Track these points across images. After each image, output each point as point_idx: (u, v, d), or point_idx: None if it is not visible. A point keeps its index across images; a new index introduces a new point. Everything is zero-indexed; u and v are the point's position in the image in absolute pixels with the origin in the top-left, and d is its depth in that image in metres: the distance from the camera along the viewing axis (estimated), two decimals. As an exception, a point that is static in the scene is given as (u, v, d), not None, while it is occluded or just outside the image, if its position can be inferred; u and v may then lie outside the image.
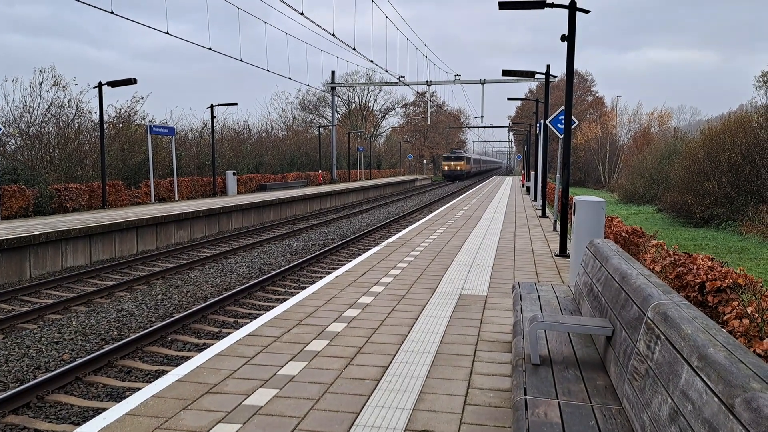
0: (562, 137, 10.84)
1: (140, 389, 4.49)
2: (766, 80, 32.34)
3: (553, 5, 9.87)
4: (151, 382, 5.77)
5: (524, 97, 56.54)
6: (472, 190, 35.58)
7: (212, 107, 27.18)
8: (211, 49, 21.63)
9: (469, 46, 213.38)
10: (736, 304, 4.97)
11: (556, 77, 17.24)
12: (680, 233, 19.57)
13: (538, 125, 20.91)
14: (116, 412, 3.75)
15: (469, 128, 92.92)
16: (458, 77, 43.96)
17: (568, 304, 4.56)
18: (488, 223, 15.47)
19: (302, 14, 21.79)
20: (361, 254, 12.47)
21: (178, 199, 24.16)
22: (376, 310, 6.26)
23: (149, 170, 22.66)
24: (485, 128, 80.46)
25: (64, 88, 22.56)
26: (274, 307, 8.21)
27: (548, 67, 16.96)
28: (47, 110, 22.05)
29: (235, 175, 28.42)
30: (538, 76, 17.92)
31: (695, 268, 5.88)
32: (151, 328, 7.74)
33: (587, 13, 9.68)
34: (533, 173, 25.48)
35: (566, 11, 9.73)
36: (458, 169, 68.91)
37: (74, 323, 8.23)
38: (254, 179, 31.92)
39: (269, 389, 4.10)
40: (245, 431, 3.49)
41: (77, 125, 23.06)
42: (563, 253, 10.18)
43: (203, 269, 12.42)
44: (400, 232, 13.97)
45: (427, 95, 53.76)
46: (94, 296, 9.89)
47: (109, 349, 6.78)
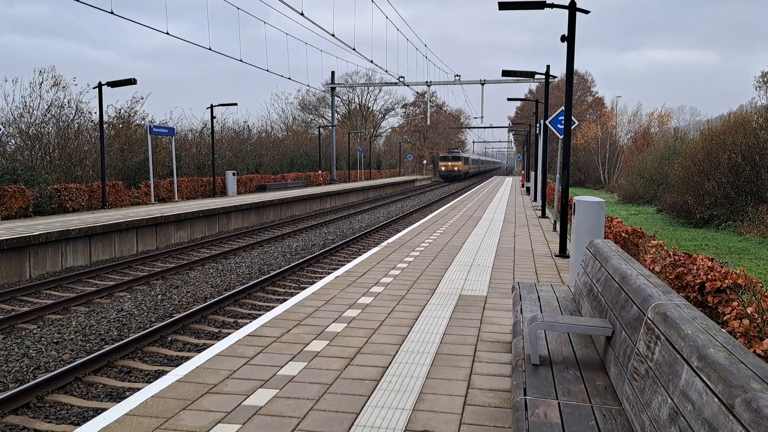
0: (561, 137, 10.84)
1: (140, 389, 4.49)
2: (766, 80, 32.35)
3: (553, 6, 9.88)
4: (150, 382, 5.78)
5: (524, 97, 56.61)
6: (471, 190, 35.57)
7: (212, 107, 27.19)
8: (211, 49, 21.65)
9: (469, 46, 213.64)
10: (736, 304, 4.97)
11: (556, 77, 17.24)
12: (680, 234, 19.58)
13: (537, 125, 20.92)
14: (116, 412, 3.75)
15: (468, 128, 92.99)
16: (458, 77, 43.98)
17: (567, 304, 4.56)
18: (488, 223, 15.47)
19: (302, 14, 21.80)
20: (360, 254, 12.47)
21: (177, 199, 24.17)
22: (375, 310, 6.26)
23: (149, 170, 22.66)
24: (485, 128, 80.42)
25: (63, 88, 22.60)
26: (273, 307, 8.21)
27: (548, 67, 16.96)
28: (47, 110, 22.06)
29: (234, 175, 28.41)
30: (537, 76, 17.93)
31: (695, 268, 5.88)
32: (150, 328, 7.74)
33: (587, 13, 9.69)
34: (533, 173, 25.48)
35: (566, 11, 9.74)
36: (456, 169, 67.12)
37: (74, 323, 8.23)
38: (254, 179, 31.92)
39: (269, 389, 4.10)
40: (245, 431, 3.49)
41: (77, 125, 23.07)
42: (563, 253, 10.18)
43: (203, 269, 12.42)
44: (399, 232, 13.97)
45: (426, 95, 53.76)
46: (93, 296, 9.90)
47: (108, 349, 6.78)
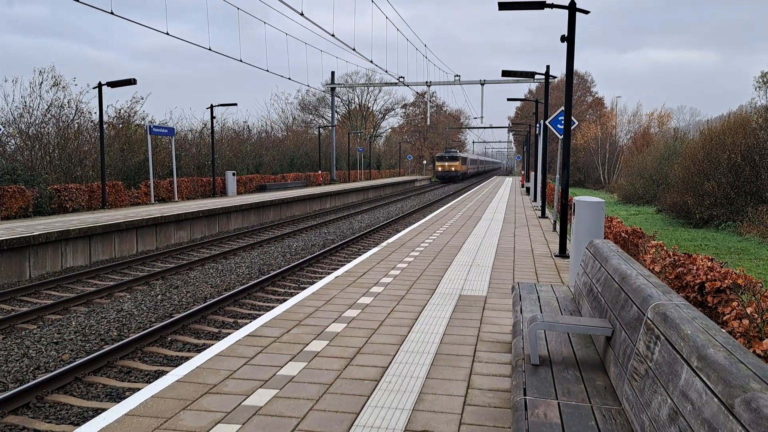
0: (561, 138, 10.84)
1: (140, 389, 4.49)
2: (765, 81, 32.36)
3: (552, 6, 9.88)
4: (150, 382, 5.78)
5: (524, 97, 56.60)
6: (471, 190, 35.58)
7: (212, 107, 27.19)
8: (210, 49, 21.65)
9: (468, 46, 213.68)
10: (735, 304, 4.97)
11: (555, 78, 17.24)
12: (680, 234, 19.59)
13: (537, 126, 20.92)
14: (116, 412, 3.75)
15: (468, 129, 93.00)
16: (458, 78, 43.99)
17: (567, 304, 4.57)
18: (488, 223, 15.47)
19: (302, 15, 21.81)
20: (360, 255, 12.47)
21: (177, 199, 24.16)
22: (375, 310, 6.26)
23: (149, 171, 22.65)
24: (485, 129, 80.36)
25: (63, 88, 22.60)
26: (273, 307, 8.21)
27: (548, 67, 16.96)
28: (47, 110, 22.06)
29: (234, 175, 28.40)
30: (537, 76, 17.93)
31: (695, 268, 5.89)
32: (150, 328, 7.74)
33: (587, 13, 9.69)
34: (533, 174, 25.48)
35: (566, 12, 9.74)
36: (453, 170, 63.84)
37: (74, 323, 8.23)
38: (254, 180, 31.92)
39: (269, 389, 4.10)
40: (245, 431, 3.49)
41: (77, 125, 23.07)
42: (563, 253, 10.18)
43: (203, 270, 12.42)
44: (399, 232, 13.97)
45: (426, 96, 53.75)
46: (93, 296, 9.89)
47: (108, 349, 6.78)
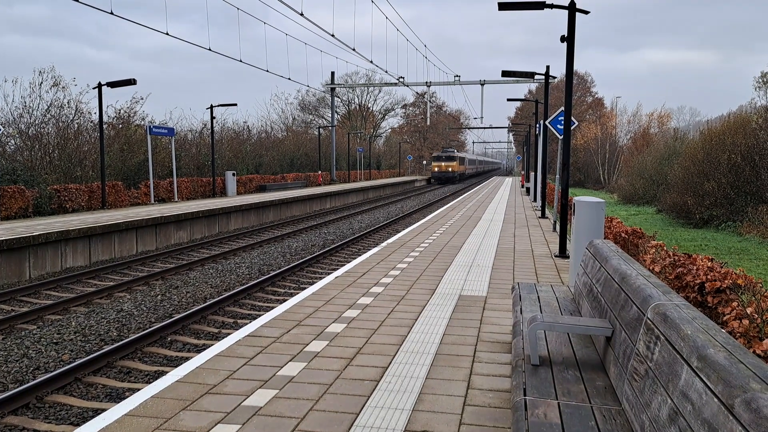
0: (561, 138, 10.84)
1: (140, 390, 4.49)
2: (765, 81, 32.37)
3: (552, 6, 9.87)
4: (150, 382, 5.77)
5: (524, 97, 56.60)
6: (471, 191, 35.59)
7: (212, 108, 27.19)
8: (210, 49, 21.65)
9: (468, 46, 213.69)
10: (735, 304, 4.97)
11: (555, 78, 17.24)
12: (680, 234, 19.59)
13: (537, 126, 20.92)
14: (115, 412, 3.75)
15: (468, 129, 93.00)
16: (458, 78, 43.98)
17: (567, 304, 4.56)
18: (488, 223, 15.47)
19: (302, 15, 21.81)
20: (360, 255, 12.47)
21: (177, 199, 24.16)
22: (375, 310, 6.26)
23: (149, 171, 22.65)
24: (485, 129, 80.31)
25: (63, 88, 22.59)
26: (273, 307, 8.20)
27: (548, 67, 16.96)
28: (47, 111, 22.06)
29: (234, 175, 28.40)
30: (537, 76, 17.93)
31: (695, 268, 5.89)
32: (150, 328, 7.74)
33: (587, 13, 9.69)
34: (533, 174, 25.49)
35: (566, 12, 9.74)
36: (450, 170, 60.34)
37: (74, 324, 8.22)
38: (254, 180, 31.92)
39: (269, 390, 4.10)
40: (245, 431, 3.49)
41: (77, 126, 23.07)
42: (563, 253, 10.18)
43: (203, 270, 12.41)
44: (399, 232, 13.97)
45: (426, 96, 53.72)
46: (93, 297, 9.89)
47: (108, 349, 6.78)
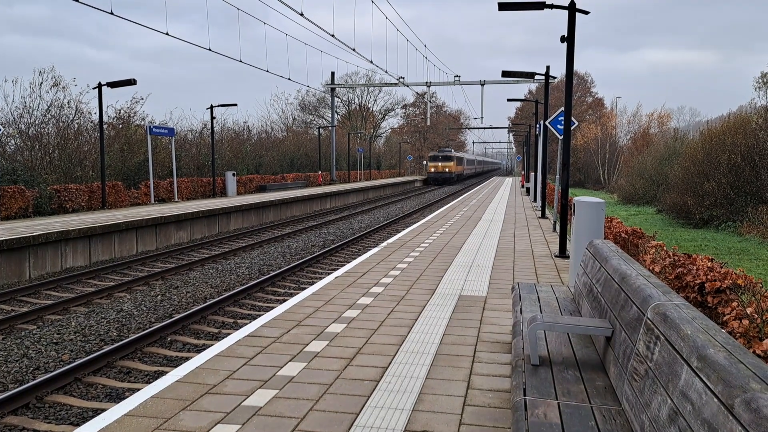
0: (561, 138, 10.84)
1: (139, 390, 4.49)
2: (765, 81, 32.38)
3: (552, 6, 9.87)
4: (150, 382, 5.77)
5: (524, 98, 56.58)
6: (471, 191, 35.60)
7: (212, 108, 27.19)
8: (210, 50, 21.65)
9: (468, 47, 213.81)
10: (735, 304, 4.97)
11: (555, 78, 17.23)
12: (680, 234, 19.58)
13: (537, 126, 20.92)
14: (115, 412, 3.75)
15: (468, 129, 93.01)
16: (458, 78, 43.96)
17: (567, 304, 4.56)
18: (488, 224, 15.47)
19: (302, 15, 21.81)
20: (360, 255, 12.47)
21: (177, 199, 24.16)
22: (375, 310, 6.25)
23: (149, 171, 22.65)
24: (485, 129, 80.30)
25: (63, 88, 22.59)
26: (273, 307, 8.20)
27: (548, 68, 16.96)
28: (47, 111, 22.05)
29: (234, 175, 28.40)
30: (537, 77, 17.92)
31: (695, 268, 5.89)
32: (150, 328, 7.74)
33: (587, 14, 9.69)
34: (533, 174, 25.49)
35: (566, 12, 9.74)
36: (447, 170, 57.64)
37: (74, 324, 8.22)
38: (254, 180, 31.92)
39: (269, 390, 4.10)
40: (244, 431, 3.49)
41: (77, 126, 23.07)
42: (563, 253, 10.18)
43: (203, 270, 12.41)
44: (399, 233, 13.97)
45: (426, 96, 53.71)
46: (93, 297, 9.89)
47: (108, 349, 6.78)
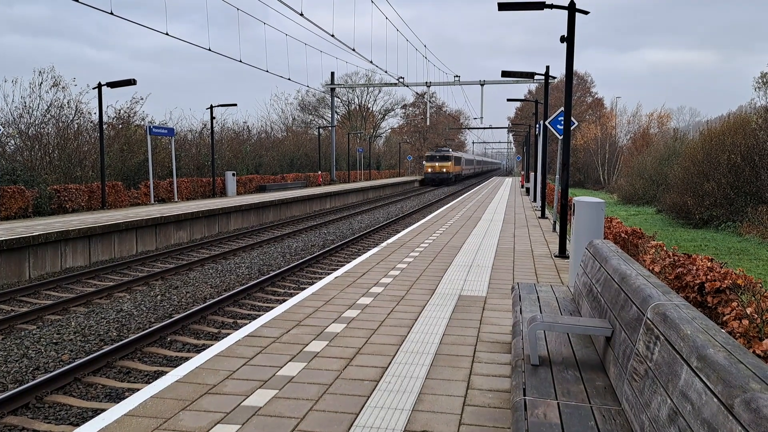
0: (561, 138, 10.84)
1: (139, 390, 4.49)
2: (765, 81, 32.39)
3: (552, 6, 9.87)
4: (150, 382, 5.77)
5: (524, 98, 56.57)
6: (471, 191, 35.61)
7: (212, 108, 27.18)
8: (210, 50, 21.65)
9: (468, 47, 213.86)
10: (735, 304, 4.97)
11: (555, 78, 17.24)
12: (680, 234, 19.58)
13: (537, 126, 20.92)
14: (115, 412, 3.74)
15: (468, 129, 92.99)
16: (458, 78, 43.95)
17: (567, 304, 4.56)
18: (487, 224, 15.47)
19: (302, 15, 21.81)
20: (360, 255, 12.46)
21: (177, 199, 24.16)
22: (375, 311, 6.25)
23: (149, 171, 22.65)
24: (485, 129, 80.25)
25: (63, 88, 22.59)
26: (273, 308, 8.20)
27: (548, 68, 16.97)
28: (47, 111, 22.06)
29: (234, 175, 28.39)
30: (537, 77, 17.93)
31: (695, 268, 5.89)
32: (150, 328, 7.74)
33: (586, 14, 9.69)
34: (533, 174, 25.48)
35: (565, 12, 9.74)
36: (444, 171, 55.31)
37: (73, 324, 8.22)
38: (254, 180, 31.91)
39: (268, 390, 4.10)
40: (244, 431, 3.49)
41: (77, 126, 23.07)
42: (563, 254, 10.18)
43: (202, 270, 12.41)
44: (399, 233, 13.97)
45: (426, 96, 53.66)
46: (93, 297, 9.89)
47: (108, 349, 6.77)
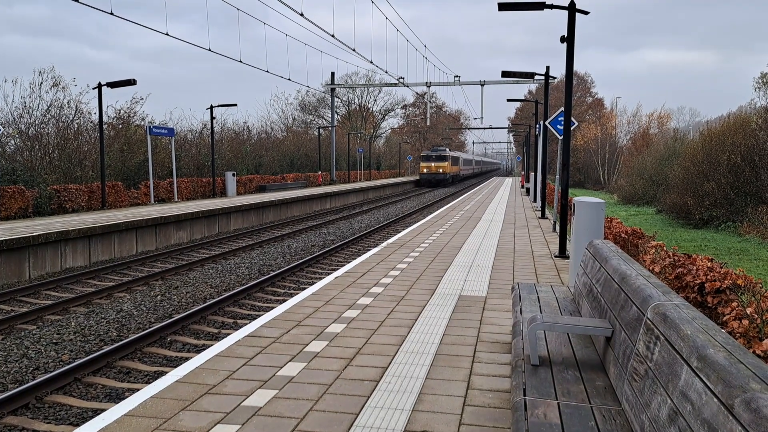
0: (561, 138, 10.84)
1: (139, 390, 4.49)
2: (765, 82, 32.38)
3: (552, 6, 9.87)
4: (150, 382, 5.77)
5: (524, 98, 56.58)
6: (471, 191, 35.62)
7: (212, 108, 27.19)
8: (210, 50, 21.64)
9: (468, 47, 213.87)
10: (735, 305, 4.97)
11: (555, 78, 17.24)
12: (680, 234, 19.58)
13: (537, 126, 20.92)
14: (115, 412, 3.74)
15: (468, 129, 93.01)
16: (458, 78, 43.94)
17: (567, 304, 4.56)
18: (488, 224, 15.47)
19: (302, 15, 21.81)
20: (360, 255, 12.46)
21: (177, 199, 24.15)
22: (375, 311, 6.25)
23: (149, 171, 22.65)
24: (485, 129, 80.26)
25: (63, 88, 22.59)
26: (273, 308, 8.20)
27: (548, 68, 16.97)
28: (47, 111, 22.06)
29: (234, 176, 28.39)
30: (537, 77, 17.94)
31: (695, 268, 5.89)
32: (150, 328, 7.74)
33: (586, 14, 9.69)
34: (533, 174, 25.48)
35: (566, 12, 9.74)
36: (440, 171, 53.07)
37: (73, 324, 8.22)
38: (254, 180, 31.91)
39: (268, 390, 4.10)
40: (244, 432, 3.49)
41: (77, 126, 23.07)
42: (563, 254, 10.17)
43: (202, 270, 12.41)
44: (399, 233, 13.97)
45: (426, 96, 53.64)
46: (93, 297, 9.89)
47: (108, 349, 6.77)
